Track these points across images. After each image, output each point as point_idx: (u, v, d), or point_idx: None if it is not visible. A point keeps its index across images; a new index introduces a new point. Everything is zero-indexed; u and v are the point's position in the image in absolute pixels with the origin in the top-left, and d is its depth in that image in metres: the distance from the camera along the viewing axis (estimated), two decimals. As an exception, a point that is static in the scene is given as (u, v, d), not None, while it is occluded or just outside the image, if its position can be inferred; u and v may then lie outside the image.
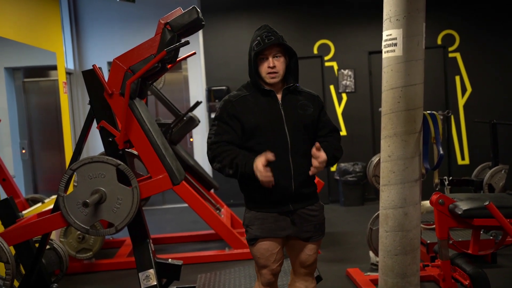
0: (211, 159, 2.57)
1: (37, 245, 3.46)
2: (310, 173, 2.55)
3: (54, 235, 4.70)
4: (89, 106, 3.32)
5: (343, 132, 7.67)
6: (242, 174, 2.50)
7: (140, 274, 3.22)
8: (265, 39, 2.54)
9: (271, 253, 2.63)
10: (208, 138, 2.61)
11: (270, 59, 2.57)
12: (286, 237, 2.67)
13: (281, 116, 2.60)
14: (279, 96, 2.64)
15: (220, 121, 2.60)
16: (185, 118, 5.65)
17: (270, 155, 2.42)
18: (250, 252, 2.72)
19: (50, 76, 5.86)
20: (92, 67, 3.14)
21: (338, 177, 7.47)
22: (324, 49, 7.62)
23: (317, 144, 2.52)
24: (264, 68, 2.59)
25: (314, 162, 2.51)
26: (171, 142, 5.54)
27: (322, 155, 2.50)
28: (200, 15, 3.17)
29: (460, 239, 4.32)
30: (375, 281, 3.92)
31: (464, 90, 7.54)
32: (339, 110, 7.69)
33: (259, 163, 2.41)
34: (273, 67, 2.57)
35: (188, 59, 7.73)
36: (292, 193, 2.59)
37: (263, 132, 2.56)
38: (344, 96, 7.68)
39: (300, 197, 2.64)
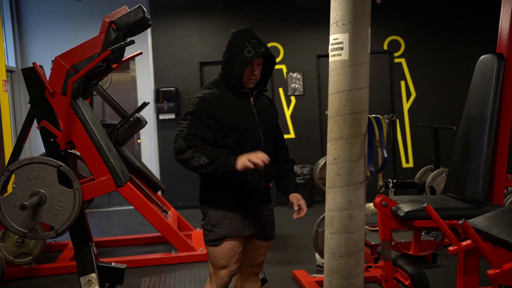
0: (185, 149, 2.46)
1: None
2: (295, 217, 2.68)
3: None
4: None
5: (292, 135, 7.74)
6: (221, 164, 2.42)
7: (81, 279, 3.15)
8: (256, 47, 2.57)
9: (234, 253, 2.63)
10: (179, 130, 2.51)
11: (255, 67, 2.60)
12: (248, 236, 2.69)
13: (255, 117, 2.63)
14: (251, 99, 2.68)
15: (194, 116, 2.53)
16: (131, 119, 5.55)
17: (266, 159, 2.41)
18: (209, 253, 2.67)
19: (-10, 74, 5.61)
20: (32, 65, 3.04)
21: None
22: (273, 51, 7.66)
23: (295, 202, 2.67)
24: (247, 74, 2.60)
25: (302, 213, 2.66)
26: (117, 143, 5.42)
27: (302, 205, 2.67)
28: (147, 14, 3.13)
29: (402, 240, 4.42)
30: (320, 283, 3.95)
31: (408, 94, 7.75)
32: (287, 112, 7.75)
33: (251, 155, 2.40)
34: (256, 75, 2.61)
35: (136, 59, 7.62)
36: (260, 192, 2.64)
37: (238, 131, 2.57)
38: (292, 99, 7.74)
39: (263, 196, 2.70)
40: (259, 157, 2.37)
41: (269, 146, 2.68)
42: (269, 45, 7.61)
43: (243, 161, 2.37)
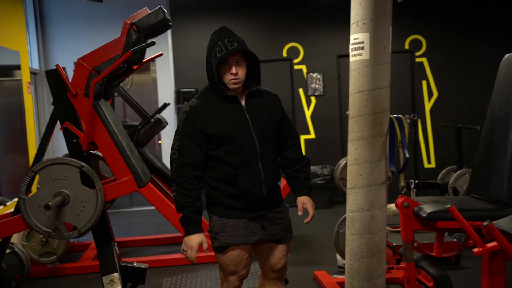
0: (173, 180, 2.52)
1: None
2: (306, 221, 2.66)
3: (16, 239, 4.58)
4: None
5: (312, 135, 7.71)
6: (183, 225, 2.56)
7: (104, 278, 3.17)
8: (227, 45, 2.43)
9: (241, 259, 2.58)
10: (172, 154, 2.53)
11: (233, 66, 2.48)
12: (255, 242, 2.63)
13: (248, 121, 2.54)
14: (242, 101, 2.58)
15: (182, 136, 2.50)
16: (152, 120, 5.59)
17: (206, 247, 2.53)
18: (217, 259, 2.65)
19: (14, 76, 5.71)
20: (55, 67, 3.08)
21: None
22: (293, 52, 7.65)
23: (300, 206, 2.67)
24: (227, 76, 2.50)
25: (308, 218, 2.66)
26: (138, 144, 5.47)
27: (309, 208, 2.68)
28: (167, 15, 3.14)
29: (425, 242, 4.37)
30: (341, 284, 3.93)
31: (430, 94, 7.66)
32: (308, 113, 7.72)
33: (194, 245, 2.53)
34: (235, 73, 2.49)
35: (157, 60, 7.68)
36: (263, 198, 2.56)
37: (231, 140, 2.49)
38: (313, 99, 7.71)
39: (268, 201, 2.62)
40: (189, 258, 2.53)
41: (268, 151, 2.59)
42: (288, 45, 7.60)
43: (182, 248, 2.55)
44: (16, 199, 4.75)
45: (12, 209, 3.27)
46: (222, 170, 2.53)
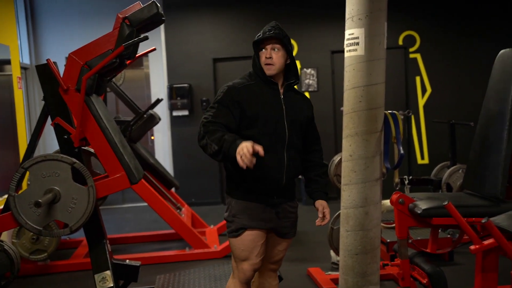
0: (202, 135, 2.52)
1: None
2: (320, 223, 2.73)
3: (5, 237, 4.53)
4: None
5: (306, 131, 7.68)
6: (225, 151, 2.43)
7: (95, 276, 3.14)
8: (266, 32, 2.60)
9: (255, 245, 2.64)
10: (204, 118, 2.56)
11: (268, 50, 2.61)
12: (268, 229, 2.69)
13: (282, 109, 2.64)
14: (281, 91, 2.69)
15: (220, 104, 2.58)
16: (145, 115, 5.55)
17: (261, 151, 2.38)
18: (231, 246, 2.69)
19: (4, 71, 5.64)
20: (46, 62, 3.04)
21: (300, 176, 7.47)
22: (287, 47, 7.61)
23: (320, 209, 2.74)
24: (262, 59, 2.63)
25: (324, 221, 2.73)
26: (130, 140, 5.42)
27: (327, 213, 2.73)
28: (160, 10, 3.11)
29: (419, 238, 4.37)
30: (335, 281, 3.92)
31: (424, 90, 7.66)
32: (301, 109, 7.69)
33: (249, 144, 2.36)
34: (269, 57, 2.60)
35: (150, 55, 7.62)
36: (282, 186, 2.64)
37: (264, 122, 2.58)
38: (307, 94, 7.69)
39: (286, 191, 2.70)
40: (246, 155, 2.31)
41: (295, 142, 2.67)
42: (282, 41, 7.55)
43: (238, 152, 2.35)
44: (5, 196, 4.70)
45: (2, 207, 3.22)
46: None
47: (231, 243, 2.69)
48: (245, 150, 2.32)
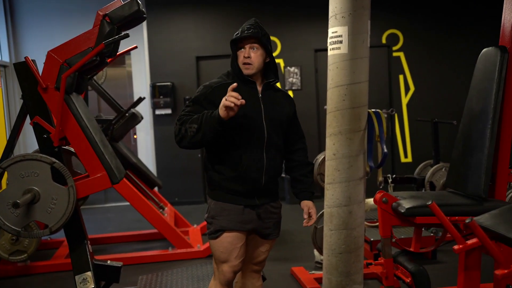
0: (178, 128, 2.49)
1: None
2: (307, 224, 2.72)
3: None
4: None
5: (289, 130, 7.67)
6: (207, 120, 2.41)
7: (76, 277, 3.09)
8: (245, 30, 2.55)
9: (234, 247, 2.61)
10: (179, 116, 2.55)
11: (247, 49, 2.56)
12: (248, 231, 2.66)
13: (261, 109, 2.60)
14: (259, 89, 2.64)
15: (195, 103, 2.57)
16: (127, 114, 5.49)
17: (240, 97, 2.34)
18: (211, 248, 2.67)
19: (-17, 69, 5.54)
20: (24, 59, 2.97)
21: (283, 175, 7.47)
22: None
23: (306, 210, 2.73)
24: (240, 59, 2.59)
25: (310, 222, 2.73)
26: (112, 139, 5.36)
27: (313, 213, 2.71)
28: (141, 7, 3.06)
29: (402, 236, 4.38)
30: (319, 280, 3.91)
31: (407, 89, 7.70)
32: (285, 107, 7.68)
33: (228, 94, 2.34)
34: (247, 57, 2.56)
35: (132, 54, 7.55)
36: (261, 187, 2.61)
37: (240, 120, 2.53)
38: (290, 93, 7.67)
39: (266, 192, 2.67)
40: (233, 96, 2.31)
41: (275, 141, 2.63)
42: (266, 39, 7.53)
43: (222, 104, 2.34)
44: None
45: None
46: (226, 152, 2.57)
47: (211, 244, 2.66)
48: (226, 97, 2.33)
